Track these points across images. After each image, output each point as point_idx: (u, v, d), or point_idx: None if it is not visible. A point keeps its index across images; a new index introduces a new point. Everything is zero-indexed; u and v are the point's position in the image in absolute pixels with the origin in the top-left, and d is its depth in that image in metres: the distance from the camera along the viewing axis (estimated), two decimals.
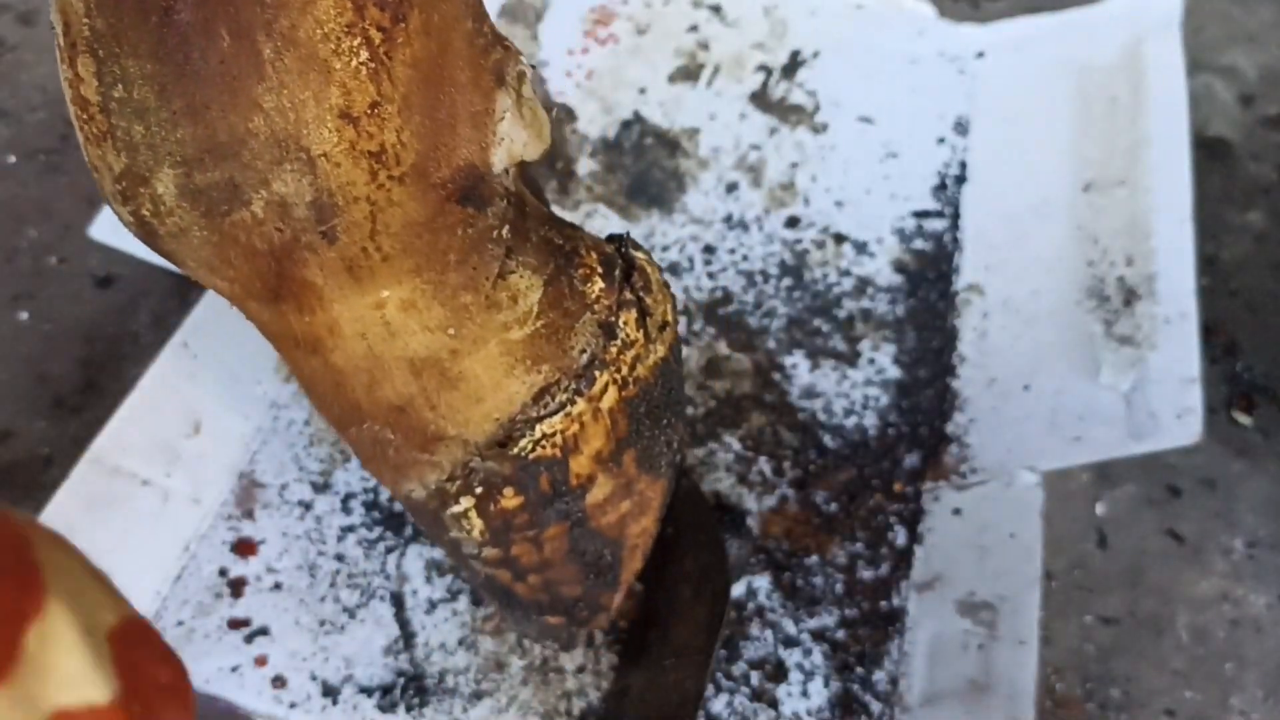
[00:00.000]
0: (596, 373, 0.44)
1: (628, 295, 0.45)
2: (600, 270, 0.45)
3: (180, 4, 0.32)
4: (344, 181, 0.35)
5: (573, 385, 0.43)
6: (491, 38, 0.39)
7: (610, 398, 0.45)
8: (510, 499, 0.45)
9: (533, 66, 0.44)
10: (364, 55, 0.34)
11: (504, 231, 0.41)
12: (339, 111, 0.34)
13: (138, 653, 0.38)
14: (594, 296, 0.44)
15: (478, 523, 0.46)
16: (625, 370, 0.45)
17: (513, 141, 0.39)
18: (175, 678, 0.41)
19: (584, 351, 0.44)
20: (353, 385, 0.42)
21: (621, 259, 0.46)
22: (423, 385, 0.42)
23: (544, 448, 0.44)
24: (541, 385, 0.43)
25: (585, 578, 0.53)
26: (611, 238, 0.47)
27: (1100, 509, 0.72)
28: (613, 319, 0.44)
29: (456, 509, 0.45)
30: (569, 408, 0.43)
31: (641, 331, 0.45)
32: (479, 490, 0.44)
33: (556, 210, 0.53)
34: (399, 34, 0.35)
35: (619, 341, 0.44)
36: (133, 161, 0.35)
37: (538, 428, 0.43)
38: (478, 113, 0.38)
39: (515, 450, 0.43)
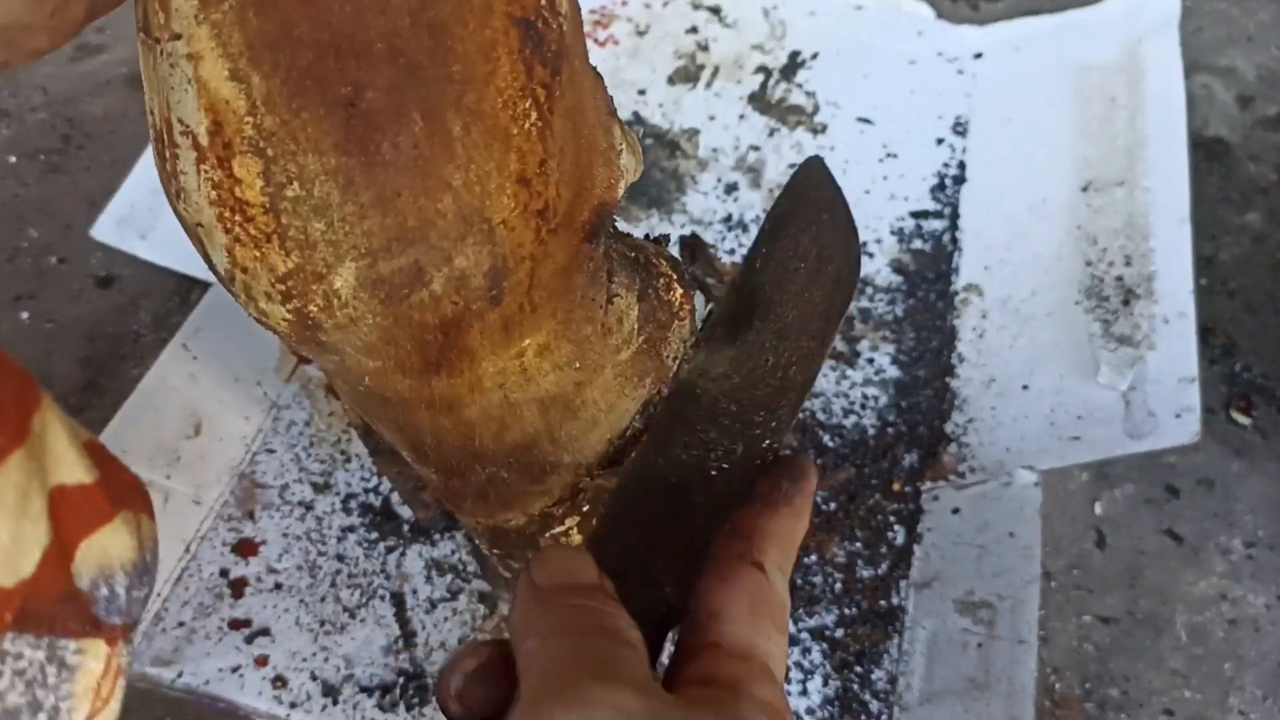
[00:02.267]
0: None
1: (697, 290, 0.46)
2: (675, 276, 0.45)
3: (370, 91, 0.31)
4: (516, 244, 0.35)
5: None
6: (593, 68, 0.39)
7: None
8: None
9: None
10: (534, 116, 0.34)
11: (603, 257, 0.42)
12: (517, 177, 0.34)
13: (106, 459, 0.45)
14: (678, 304, 0.45)
15: (577, 539, 0.47)
16: None
17: (627, 171, 0.40)
18: (136, 480, 0.50)
19: (675, 358, 0.44)
20: (481, 434, 0.42)
21: (687, 249, 0.46)
22: (548, 421, 0.42)
23: None
24: (646, 398, 0.44)
25: None
26: (655, 240, 0.48)
27: (1099, 509, 0.72)
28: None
29: (559, 529, 0.46)
30: None
31: None
32: (585, 509, 0.45)
33: None
34: (557, 87, 0.34)
35: None
36: (306, 260, 0.33)
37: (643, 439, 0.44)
38: (605, 150, 0.38)
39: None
